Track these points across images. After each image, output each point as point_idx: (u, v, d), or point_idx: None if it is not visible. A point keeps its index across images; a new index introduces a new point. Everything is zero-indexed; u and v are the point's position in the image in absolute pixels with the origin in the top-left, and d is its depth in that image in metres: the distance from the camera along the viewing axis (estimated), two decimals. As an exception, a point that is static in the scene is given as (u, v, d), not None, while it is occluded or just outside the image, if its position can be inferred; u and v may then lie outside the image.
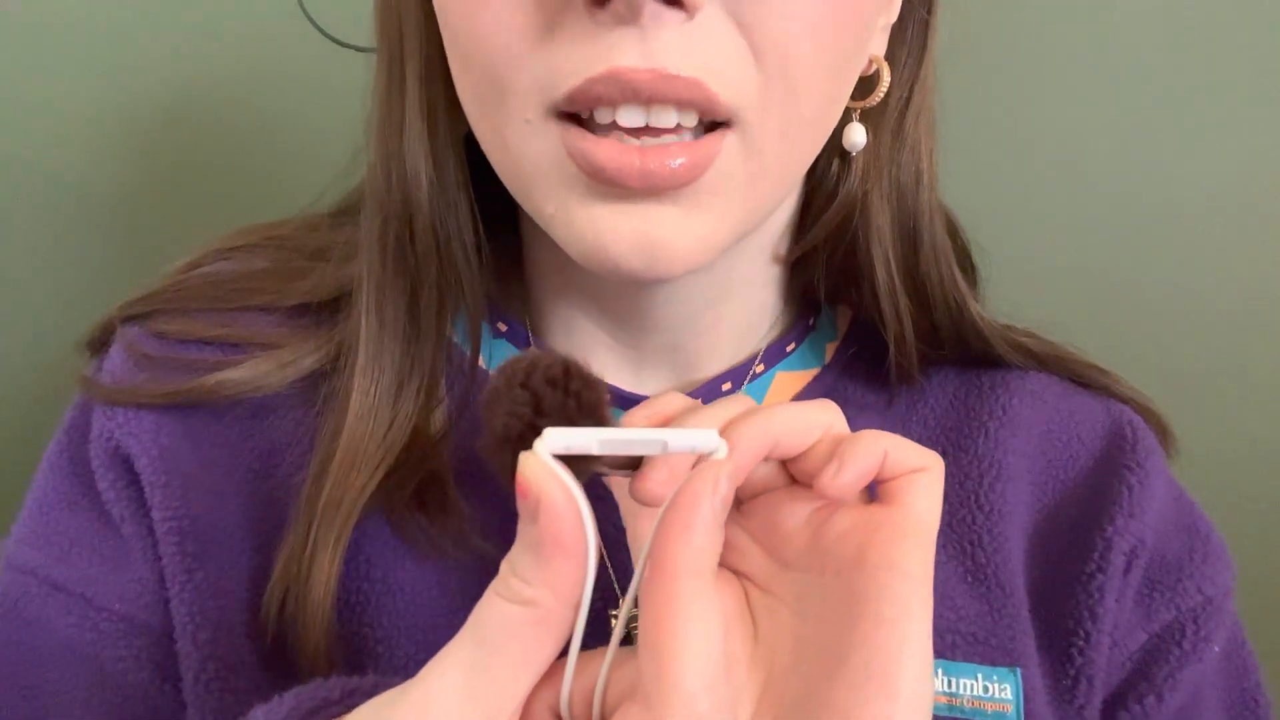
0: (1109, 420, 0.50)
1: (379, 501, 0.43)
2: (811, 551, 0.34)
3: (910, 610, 0.31)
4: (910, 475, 0.33)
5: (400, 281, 0.45)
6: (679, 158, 0.36)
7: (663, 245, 0.38)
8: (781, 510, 0.35)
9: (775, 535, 0.35)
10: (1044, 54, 0.74)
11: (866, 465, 0.33)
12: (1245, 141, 0.73)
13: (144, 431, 0.44)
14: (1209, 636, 0.46)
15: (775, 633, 0.34)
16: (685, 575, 0.28)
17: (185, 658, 0.42)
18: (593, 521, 0.28)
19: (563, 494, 0.27)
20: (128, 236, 0.77)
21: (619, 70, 0.35)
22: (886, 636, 0.30)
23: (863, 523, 0.33)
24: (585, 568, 0.28)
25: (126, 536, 0.44)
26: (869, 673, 0.30)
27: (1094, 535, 0.46)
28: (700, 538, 0.28)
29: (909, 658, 0.30)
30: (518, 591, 0.28)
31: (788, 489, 0.35)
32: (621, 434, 0.29)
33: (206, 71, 0.76)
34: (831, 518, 0.34)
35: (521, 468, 0.28)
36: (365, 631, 0.43)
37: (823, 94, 0.39)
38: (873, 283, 0.48)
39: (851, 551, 0.32)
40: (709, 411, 0.34)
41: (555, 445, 0.28)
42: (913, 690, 0.30)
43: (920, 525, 0.32)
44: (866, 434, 0.33)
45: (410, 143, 0.44)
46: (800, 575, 0.34)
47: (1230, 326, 0.76)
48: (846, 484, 0.32)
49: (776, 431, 0.33)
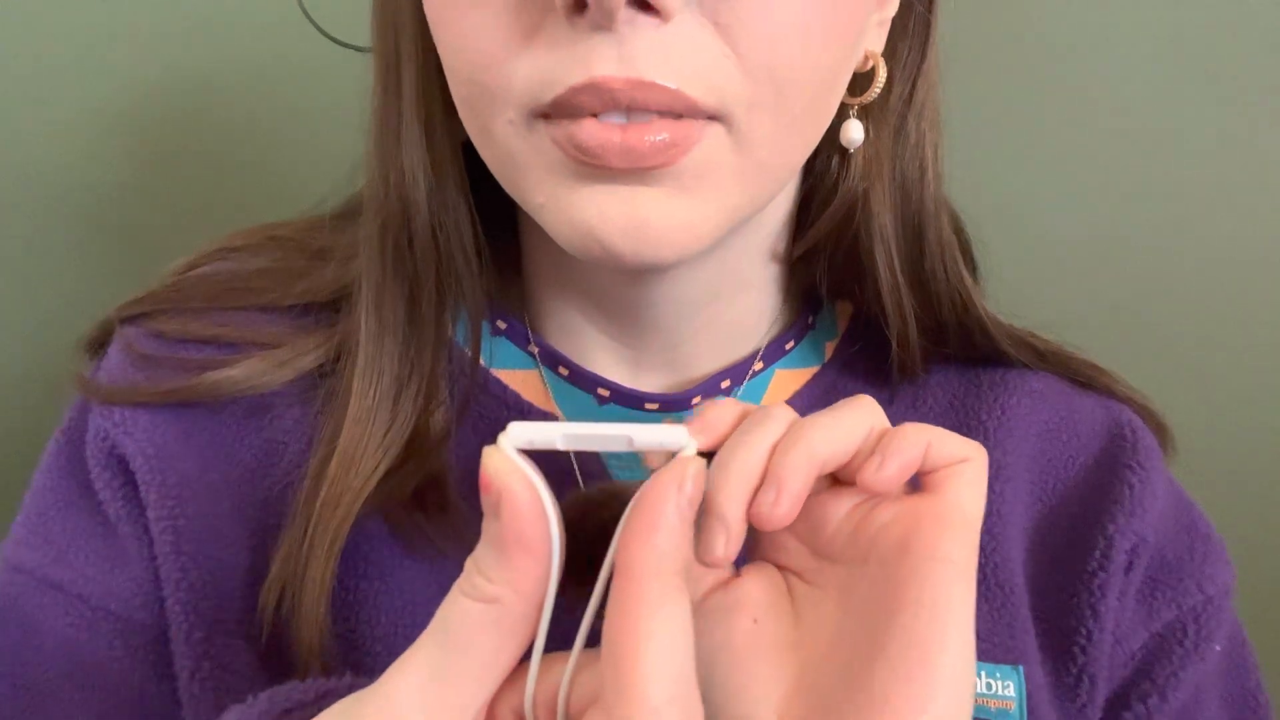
0: (1109, 420, 0.50)
1: (378, 502, 0.43)
2: (854, 544, 0.33)
3: (952, 600, 0.31)
4: (954, 466, 0.33)
5: (399, 283, 0.45)
6: (661, 133, 0.36)
7: (650, 228, 0.37)
8: (824, 509, 0.34)
9: (817, 533, 0.35)
10: (1045, 51, 0.74)
11: (909, 458, 0.32)
12: (1252, 136, 0.73)
13: (140, 431, 0.44)
14: (1210, 635, 0.46)
15: (816, 622, 0.34)
16: (649, 578, 0.27)
17: (180, 657, 0.42)
18: (558, 518, 0.27)
19: (526, 490, 0.27)
20: (128, 238, 0.77)
21: (598, 81, 0.35)
22: (927, 625, 0.30)
23: (906, 513, 0.32)
24: (549, 566, 0.27)
25: (122, 536, 0.44)
26: (907, 660, 0.30)
27: (1095, 534, 0.46)
28: (665, 539, 0.27)
29: (949, 647, 0.30)
30: (480, 589, 0.27)
31: (829, 489, 0.35)
32: (586, 429, 0.28)
33: (206, 71, 0.76)
34: (874, 510, 0.33)
35: (484, 462, 0.27)
36: (363, 631, 0.43)
37: (813, 92, 0.39)
38: (875, 280, 0.48)
39: (894, 542, 0.32)
40: (756, 431, 0.33)
41: (519, 440, 0.27)
42: (952, 680, 0.30)
43: (964, 515, 0.32)
44: (909, 427, 0.33)
45: (408, 146, 0.44)
46: (843, 568, 0.34)
47: (1229, 326, 0.76)
48: (890, 478, 0.32)
49: (822, 455, 0.32)
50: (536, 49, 0.36)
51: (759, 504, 0.31)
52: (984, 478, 0.33)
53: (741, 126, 0.37)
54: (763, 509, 0.31)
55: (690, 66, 0.36)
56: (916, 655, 0.30)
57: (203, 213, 0.76)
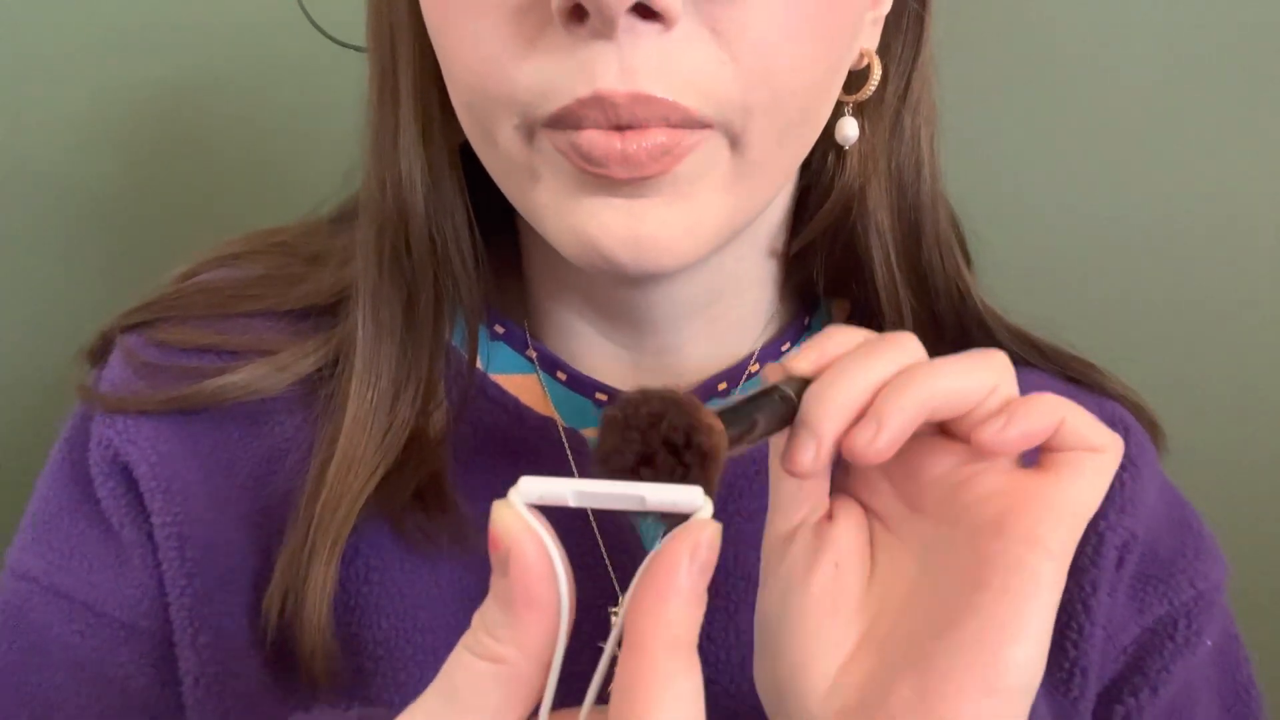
0: (1102, 417, 0.49)
1: (378, 504, 0.43)
2: (949, 504, 0.32)
3: (1040, 590, 0.30)
4: (1083, 452, 0.32)
5: (396, 287, 0.45)
6: (660, 137, 0.36)
7: (650, 239, 0.38)
8: (926, 458, 0.33)
9: (913, 481, 0.34)
10: (1041, 45, 0.74)
11: (1038, 427, 0.31)
12: (1244, 134, 0.73)
13: (143, 439, 0.45)
14: (1201, 630, 0.47)
15: (893, 575, 0.33)
16: (660, 650, 0.25)
17: (185, 662, 0.43)
18: (568, 576, 0.26)
19: (535, 547, 0.26)
20: (127, 238, 0.77)
21: (601, 94, 0.35)
22: (1009, 610, 0.29)
23: (1013, 488, 0.31)
24: (556, 626, 0.26)
25: (126, 543, 0.45)
26: (982, 643, 0.29)
27: (1086, 530, 0.46)
28: (675, 610, 0.26)
29: (1028, 637, 0.29)
30: (487, 647, 0.26)
31: (935, 437, 0.33)
32: (598, 486, 0.27)
33: (204, 72, 0.76)
34: (978, 475, 0.32)
35: (494, 517, 0.26)
36: (365, 634, 0.43)
37: (808, 96, 0.40)
38: (872, 275, 0.48)
39: (993, 515, 0.31)
40: (870, 359, 0.32)
41: (530, 495, 0.26)
42: (1022, 670, 0.30)
43: (1076, 507, 0.31)
44: (1048, 397, 0.32)
45: (405, 149, 0.44)
46: (931, 525, 0.33)
47: (1225, 323, 0.76)
48: (1010, 441, 0.31)
49: (935, 401, 0.31)
50: (538, 57, 0.37)
51: (856, 435, 0.31)
52: (1111, 473, 0.32)
53: (738, 133, 0.38)
54: (858, 442, 0.31)
55: (689, 75, 0.36)
56: (993, 640, 0.29)
57: (202, 214, 0.76)
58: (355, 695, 0.42)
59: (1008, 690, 0.29)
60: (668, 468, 0.27)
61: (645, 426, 0.27)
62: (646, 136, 0.36)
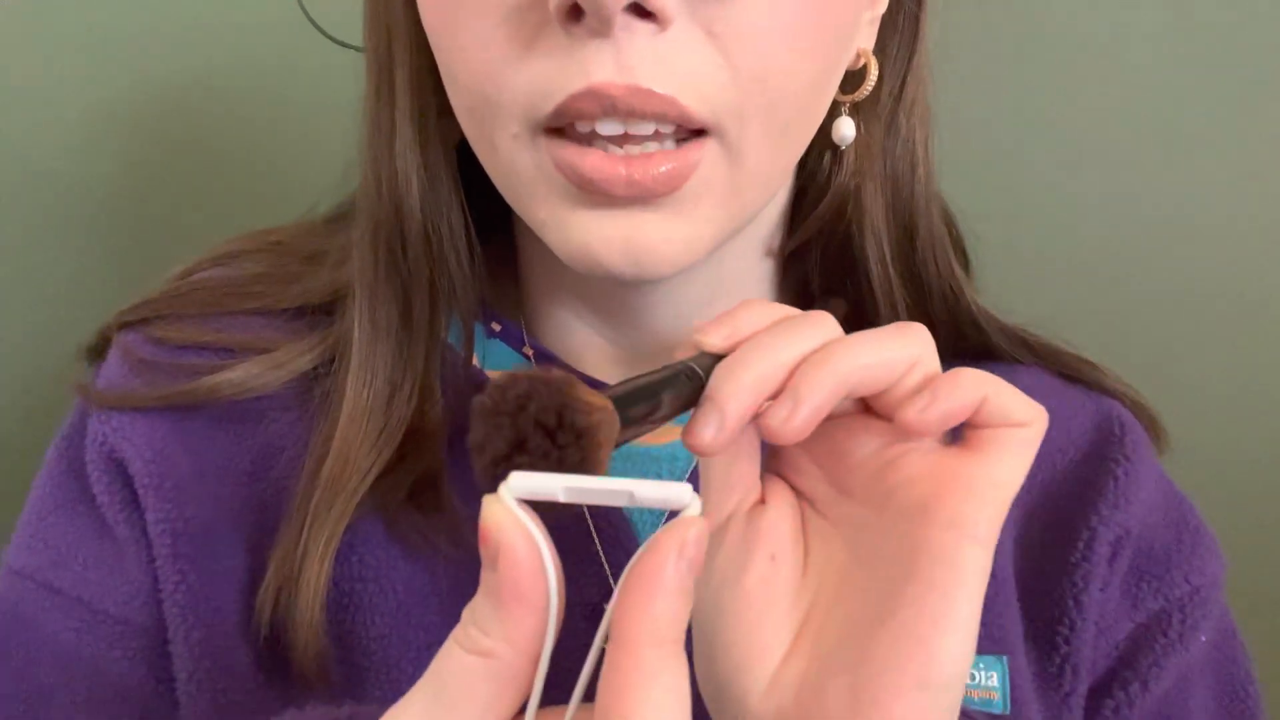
0: (1098, 414, 0.50)
1: (374, 502, 0.43)
2: (875, 487, 0.32)
3: (965, 578, 0.30)
4: (1006, 429, 0.31)
5: (392, 286, 0.46)
6: (664, 165, 0.37)
7: (649, 250, 0.38)
8: (850, 438, 0.33)
9: (840, 463, 0.33)
10: (1038, 45, 0.74)
11: (960, 404, 0.31)
12: (1243, 134, 0.73)
13: (138, 435, 0.45)
14: (1196, 626, 0.47)
15: (825, 562, 0.33)
16: (646, 647, 0.25)
17: (179, 658, 0.43)
18: (557, 572, 0.26)
19: (524, 542, 0.26)
20: (126, 238, 0.77)
21: (596, 87, 0.36)
22: (936, 602, 0.30)
23: (937, 469, 0.31)
24: (545, 620, 0.26)
25: (121, 540, 0.45)
26: (915, 634, 0.29)
27: (1080, 525, 0.46)
28: (663, 606, 0.26)
29: (956, 627, 0.30)
30: (476, 642, 0.26)
31: (859, 416, 0.33)
32: (588, 482, 0.26)
33: (205, 71, 0.76)
34: (903, 456, 0.32)
35: (484, 512, 0.26)
36: (359, 630, 0.43)
37: (804, 97, 0.40)
38: (867, 275, 0.48)
39: (917, 499, 0.31)
40: (784, 336, 0.31)
41: (520, 490, 0.26)
42: (955, 658, 0.30)
43: (999, 486, 0.31)
44: (969, 372, 0.31)
45: (401, 149, 0.44)
46: (859, 508, 0.33)
47: (1225, 321, 0.76)
48: (931, 421, 0.30)
49: (853, 379, 0.31)
50: (536, 57, 0.37)
51: (771, 415, 0.30)
52: (1034, 448, 0.31)
53: (734, 138, 0.38)
54: (773, 421, 0.30)
55: (685, 74, 0.36)
56: (924, 633, 0.29)
57: (201, 213, 0.76)
58: (349, 692, 0.42)
59: (939, 682, 0.30)
60: (541, 451, 0.26)
61: (514, 410, 0.26)
62: (653, 163, 0.37)
